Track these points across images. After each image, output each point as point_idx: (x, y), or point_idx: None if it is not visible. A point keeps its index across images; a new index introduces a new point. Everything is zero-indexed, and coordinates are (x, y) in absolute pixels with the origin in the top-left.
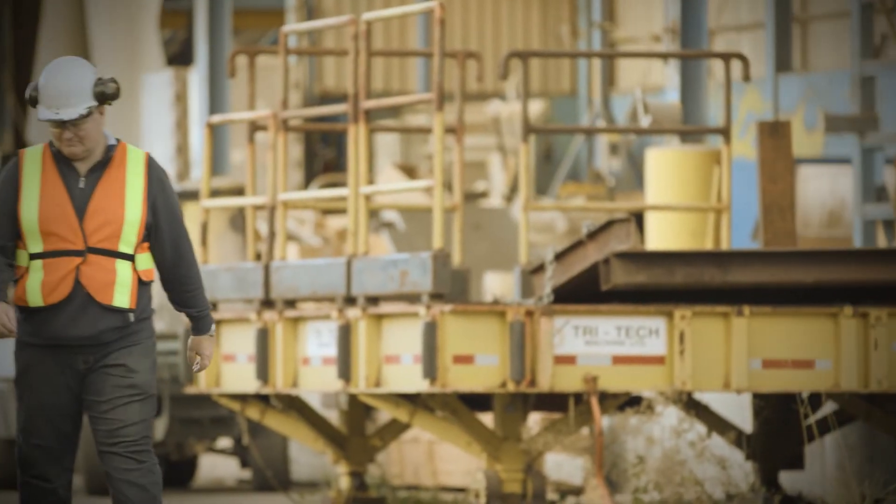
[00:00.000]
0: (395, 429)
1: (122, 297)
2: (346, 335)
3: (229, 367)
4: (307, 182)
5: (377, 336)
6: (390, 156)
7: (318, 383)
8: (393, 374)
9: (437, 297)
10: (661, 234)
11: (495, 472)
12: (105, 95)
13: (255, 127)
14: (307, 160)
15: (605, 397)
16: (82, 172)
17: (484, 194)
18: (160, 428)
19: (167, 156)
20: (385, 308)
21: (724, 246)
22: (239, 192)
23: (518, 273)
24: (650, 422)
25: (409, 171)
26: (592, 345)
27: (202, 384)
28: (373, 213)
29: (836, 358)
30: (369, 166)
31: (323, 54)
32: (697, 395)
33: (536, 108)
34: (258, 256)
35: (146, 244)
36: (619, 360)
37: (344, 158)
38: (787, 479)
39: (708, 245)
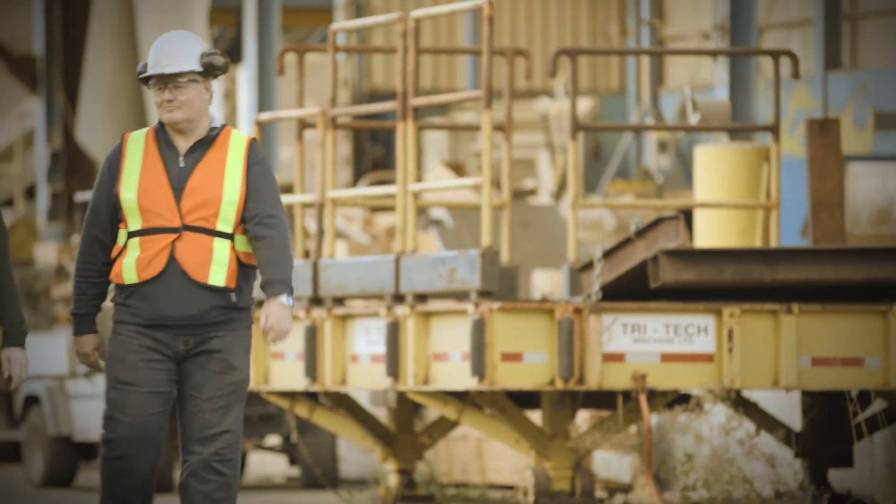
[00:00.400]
0: (443, 426)
1: (218, 275)
2: (394, 333)
3: (278, 365)
4: (356, 179)
5: (425, 334)
6: (439, 153)
7: (366, 381)
8: (441, 372)
9: (485, 294)
10: (710, 232)
11: (544, 470)
12: (212, 66)
13: (303, 125)
14: (356, 158)
15: (653, 395)
16: (182, 152)
17: (532, 192)
18: None
19: None
20: (433, 305)
21: (773, 243)
22: (288, 189)
23: (566, 270)
24: (699, 419)
25: (458, 169)
26: (641, 342)
27: (251, 382)
28: (421, 211)
29: (886, 356)
30: (418, 164)
31: (371, 52)
32: (746, 393)
33: (585, 105)
34: (307, 254)
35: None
36: (667, 357)
37: (392, 156)
38: (835, 476)
39: (757, 243)
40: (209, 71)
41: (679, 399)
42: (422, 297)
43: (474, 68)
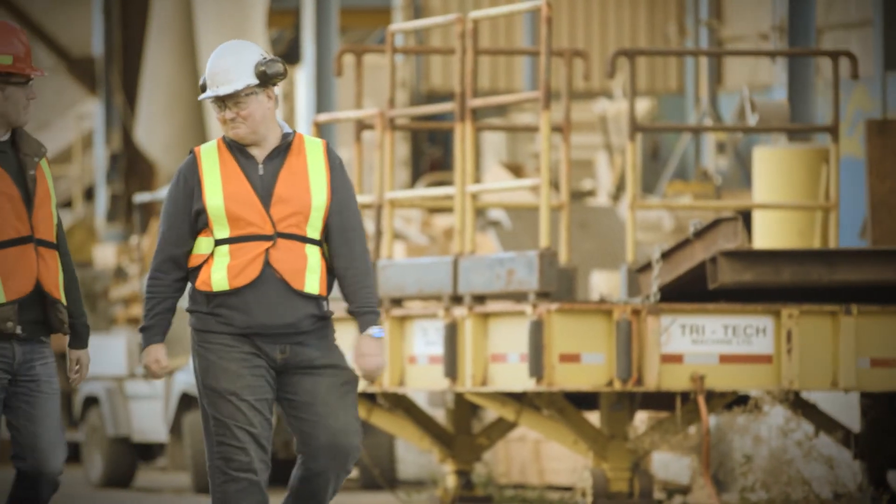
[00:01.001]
0: (501, 427)
1: (313, 282)
2: (452, 334)
3: None
4: (414, 181)
5: (483, 335)
6: (497, 154)
7: (424, 382)
8: (499, 373)
9: (543, 295)
10: (769, 233)
11: (602, 471)
12: (266, 75)
13: (361, 126)
14: (414, 159)
15: (712, 396)
16: (260, 160)
17: (591, 193)
18: None
19: None
20: (491, 307)
21: (832, 244)
22: None
23: (625, 272)
24: (757, 421)
25: (516, 170)
26: (699, 343)
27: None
28: (479, 212)
29: None
30: (476, 165)
31: (430, 53)
32: (805, 394)
33: (643, 106)
34: None
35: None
36: (726, 358)
37: (450, 157)
38: (895, 478)
39: (815, 244)
40: (266, 80)
41: (737, 400)
42: (480, 299)
43: (532, 69)
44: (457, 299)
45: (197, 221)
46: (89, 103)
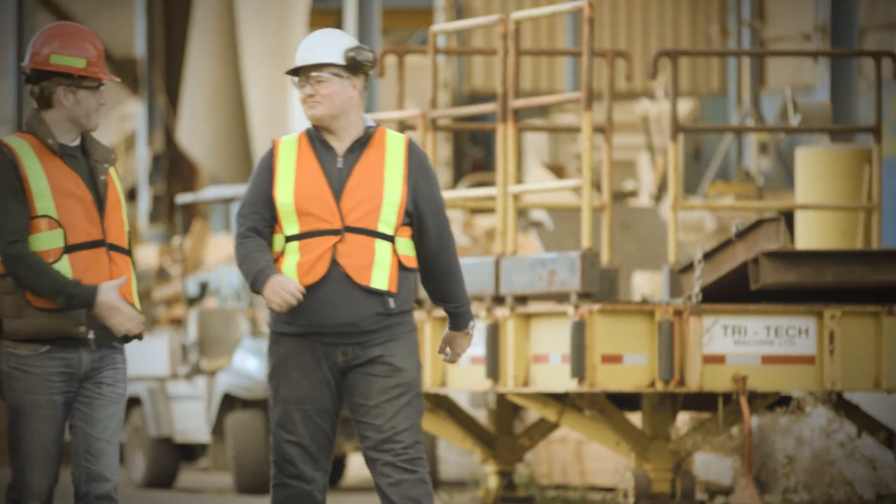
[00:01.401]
0: (543, 428)
1: (381, 278)
2: (494, 334)
3: None
4: (456, 181)
5: (525, 335)
6: (539, 155)
7: (466, 382)
8: (541, 374)
9: (585, 296)
10: (811, 234)
11: (644, 472)
12: (355, 62)
13: (403, 126)
14: (456, 159)
15: (754, 397)
16: (340, 153)
17: (633, 193)
18: None
19: None
20: (533, 307)
21: (875, 245)
22: None
23: (667, 272)
24: (799, 422)
25: (558, 171)
26: (741, 344)
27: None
28: (521, 213)
29: None
30: (518, 165)
31: (472, 54)
32: (847, 395)
33: (686, 107)
34: None
35: (407, 229)
36: (768, 359)
37: (492, 158)
38: None
39: (858, 244)
40: (353, 67)
41: (780, 401)
42: (522, 299)
43: (574, 70)
44: (499, 300)
45: (271, 209)
46: (132, 104)
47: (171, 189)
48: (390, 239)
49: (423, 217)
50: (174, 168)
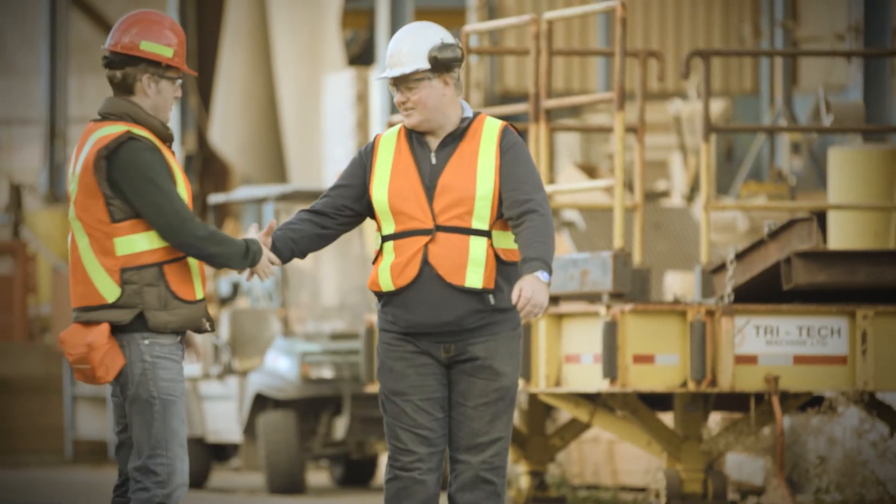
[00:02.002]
0: (575, 428)
1: (475, 276)
2: (526, 334)
3: None
4: None
5: (557, 335)
6: (571, 155)
7: None
8: (573, 374)
9: (617, 296)
10: (844, 234)
11: (676, 472)
12: (437, 61)
13: None
14: None
15: (786, 397)
16: (433, 148)
17: (665, 193)
18: (341, 427)
19: (348, 155)
20: (565, 307)
21: None
22: None
23: (699, 272)
24: (832, 422)
25: (590, 171)
26: (773, 344)
27: None
28: (553, 213)
29: None
30: (550, 166)
31: (504, 54)
32: (880, 395)
33: (718, 107)
34: None
35: (505, 222)
36: (800, 359)
37: None
38: None
39: (891, 244)
40: (439, 66)
41: (812, 401)
42: (554, 299)
43: (607, 70)
44: None
45: (360, 202)
46: None
47: (203, 189)
48: (486, 234)
49: (504, 193)
50: (206, 168)
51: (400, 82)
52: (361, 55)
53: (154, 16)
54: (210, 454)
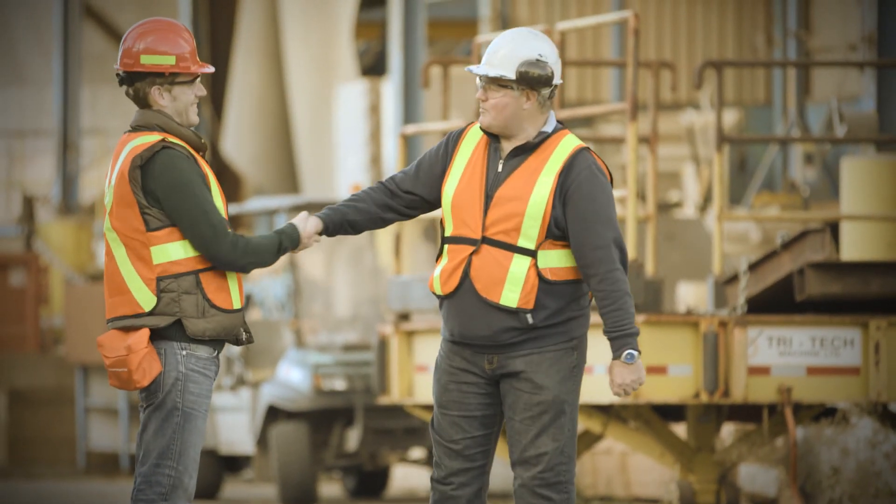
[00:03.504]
0: (588, 439)
1: (511, 294)
2: None
3: (422, 378)
4: None
5: None
6: None
7: None
8: (586, 385)
9: None
10: (857, 245)
11: (689, 483)
12: (524, 77)
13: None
14: None
15: (799, 408)
16: (503, 155)
17: (678, 204)
18: (354, 438)
19: (361, 166)
20: None
21: None
22: None
23: (711, 283)
24: (845, 433)
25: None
26: (787, 355)
27: (395, 395)
28: None
29: None
30: None
31: None
32: (893, 406)
33: (731, 117)
34: None
35: (558, 242)
36: (813, 370)
37: None
38: None
39: None
40: (522, 80)
41: (825, 412)
42: None
43: (620, 80)
44: None
45: (432, 190)
46: None
47: None
48: (531, 253)
49: (571, 234)
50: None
51: (483, 80)
52: (374, 66)
53: (155, 24)
54: (223, 466)
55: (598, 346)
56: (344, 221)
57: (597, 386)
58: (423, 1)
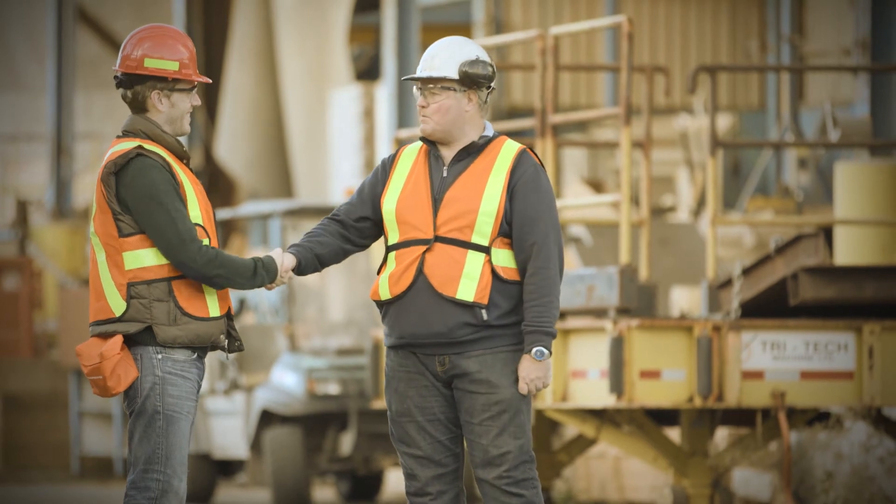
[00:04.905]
0: (581, 444)
1: (467, 290)
2: None
3: None
4: None
5: (564, 351)
6: (577, 170)
7: None
8: (580, 389)
9: (623, 311)
10: (851, 249)
11: (682, 488)
12: (467, 76)
13: None
14: None
15: (793, 412)
16: (446, 161)
17: (671, 209)
18: (347, 443)
19: (355, 171)
20: (572, 323)
21: None
22: None
23: (705, 288)
24: (839, 437)
25: (597, 186)
26: (780, 360)
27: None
28: (560, 228)
29: None
30: (556, 181)
31: (510, 69)
32: (887, 411)
33: (724, 122)
34: None
35: (507, 240)
36: (807, 375)
37: None
38: None
39: None
40: (467, 81)
41: (819, 417)
42: (560, 315)
43: (613, 85)
44: None
45: (377, 212)
46: None
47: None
48: (484, 250)
49: (513, 230)
50: (213, 184)
51: (425, 86)
52: (368, 71)
53: (158, 30)
54: (216, 470)
55: (591, 350)
56: (313, 257)
57: (590, 391)
58: (417, 5)
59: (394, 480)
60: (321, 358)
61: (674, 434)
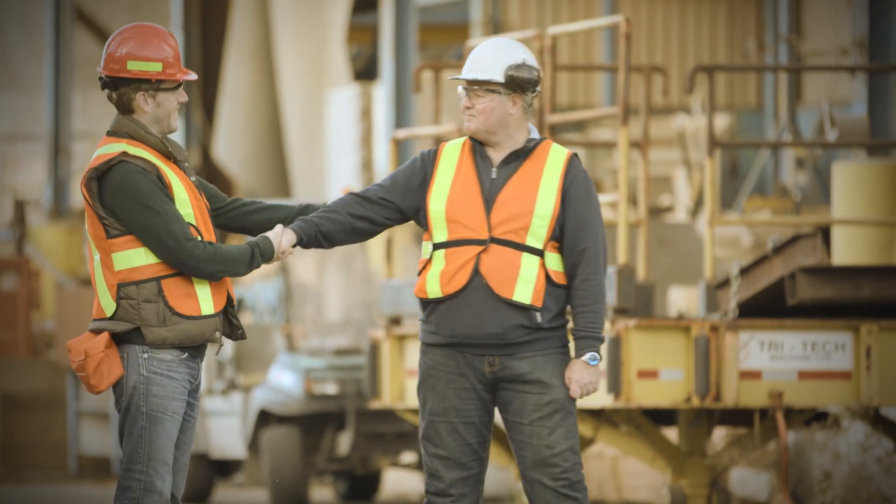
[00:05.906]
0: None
1: (524, 292)
2: None
3: (414, 382)
4: None
5: None
6: None
7: None
8: None
9: (621, 311)
10: (848, 249)
11: (680, 488)
12: (513, 80)
13: (440, 142)
14: None
15: (790, 412)
16: (495, 163)
17: (669, 209)
18: (345, 443)
19: (352, 170)
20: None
21: None
22: None
23: (703, 288)
24: (836, 437)
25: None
26: (778, 360)
27: (386, 399)
28: None
29: None
30: None
31: None
32: (884, 411)
33: (722, 122)
34: None
35: (557, 244)
36: (804, 375)
37: None
38: None
39: (895, 260)
40: (512, 84)
41: (816, 416)
42: None
43: (611, 85)
44: None
45: (407, 202)
46: None
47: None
48: (539, 253)
49: (565, 234)
50: (210, 183)
51: (470, 87)
52: (366, 70)
53: (140, 29)
54: (214, 470)
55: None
56: (318, 233)
57: None
58: (415, 5)
59: (391, 480)
60: (319, 358)
61: (672, 434)
